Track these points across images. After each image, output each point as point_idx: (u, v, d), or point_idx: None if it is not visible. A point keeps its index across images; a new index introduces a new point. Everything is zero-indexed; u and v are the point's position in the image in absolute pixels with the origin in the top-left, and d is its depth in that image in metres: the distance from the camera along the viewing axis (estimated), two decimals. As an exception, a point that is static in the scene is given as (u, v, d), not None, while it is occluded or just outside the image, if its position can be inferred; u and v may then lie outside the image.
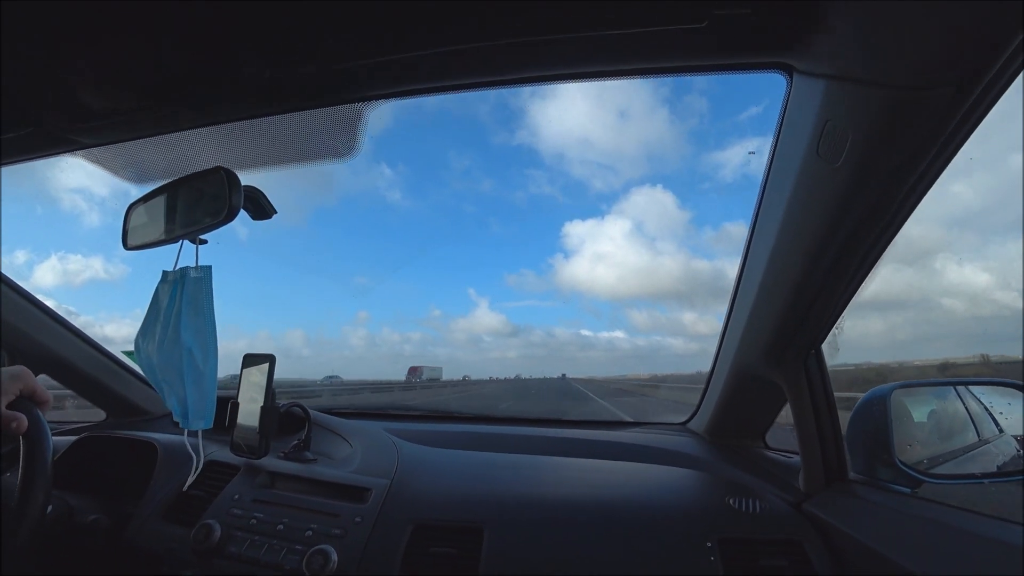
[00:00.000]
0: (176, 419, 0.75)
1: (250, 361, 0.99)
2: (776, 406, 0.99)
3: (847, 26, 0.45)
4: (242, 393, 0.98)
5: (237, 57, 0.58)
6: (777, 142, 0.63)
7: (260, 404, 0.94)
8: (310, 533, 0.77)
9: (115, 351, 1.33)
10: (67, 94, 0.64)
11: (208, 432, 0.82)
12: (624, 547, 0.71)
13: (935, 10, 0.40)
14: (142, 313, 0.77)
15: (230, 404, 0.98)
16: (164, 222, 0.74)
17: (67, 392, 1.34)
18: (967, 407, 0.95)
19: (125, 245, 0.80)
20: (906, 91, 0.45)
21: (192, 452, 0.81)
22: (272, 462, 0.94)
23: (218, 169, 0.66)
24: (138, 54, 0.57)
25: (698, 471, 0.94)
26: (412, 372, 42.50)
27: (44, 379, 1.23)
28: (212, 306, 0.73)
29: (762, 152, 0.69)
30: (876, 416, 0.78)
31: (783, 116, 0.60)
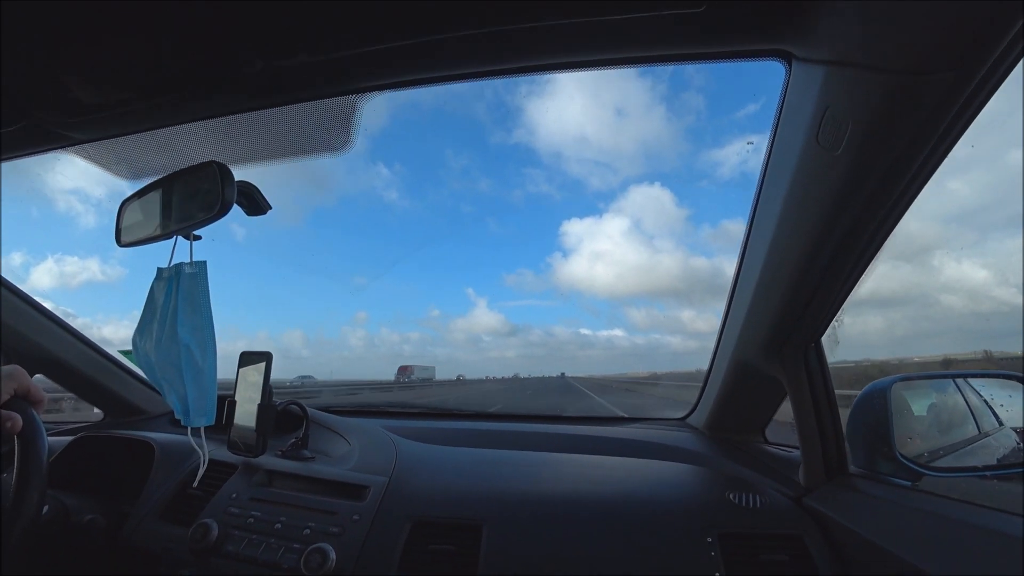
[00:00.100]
0: (178, 416, 0.75)
1: (247, 359, 0.98)
2: (776, 400, 0.99)
3: (847, 10, 0.44)
4: (239, 391, 0.97)
5: (229, 49, 0.57)
6: (776, 131, 0.62)
7: (257, 402, 0.93)
8: (308, 531, 0.76)
9: (111, 351, 1.33)
10: (58, 89, 0.63)
11: (205, 430, 0.81)
12: (624, 543, 0.70)
13: None
14: (139, 314, 0.76)
15: (227, 402, 0.97)
16: (157, 218, 0.73)
17: (66, 393, 1.34)
18: (967, 400, 0.95)
19: (119, 242, 0.79)
20: (907, 76, 0.44)
21: (198, 450, 0.80)
22: (270, 460, 0.94)
23: (210, 163, 0.66)
24: (129, 47, 0.56)
25: (698, 466, 0.94)
26: (402, 372, 41.56)
27: (40, 379, 1.23)
28: (209, 302, 0.72)
29: (760, 142, 0.68)
30: (876, 410, 0.78)
31: (782, 104, 0.60)
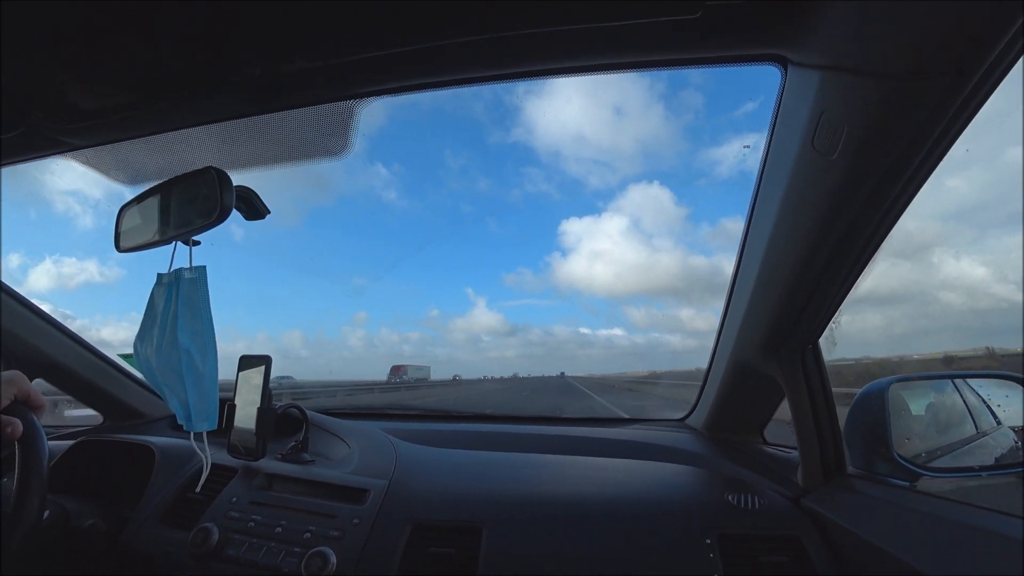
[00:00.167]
0: (180, 422, 0.75)
1: (246, 363, 0.98)
2: (774, 401, 0.99)
3: (842, 16, 0.45)
4: (239, 395, 0.98)
5: (227, 55, 0.57)
6: (772, 135, 0.63)
7: (257, 406, 0.93)
8: (308, 535, 0.76)
9: (111, 354, 1.33)
10: (56, 95, 0.63)
11: (205, 434, 0.81)
12: (624, 544, 0.70)
13: None
14: (138, 316, 0.76)
15: (227, 406, 0.97)
16: (156, 223, 0.73)
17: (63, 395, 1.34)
18: (965, 400, 0.95)
19: (118, 247, 0.79)
20: (902, 81, 0.44)
21: (200, 454, 0.81)
22: (270, 464, 0.94)
23: (209, 169, 0.66)
24: (127, 53, 0.57)
25: (697, 467, 0.94)
26: (395, 372, 38.75)
27: (40, 383, 1.23)
28: (208, 307, 0.72)
29: (757, 146, 0.68)
30: (874, 410, 0.78)
31: (778, 109, 0.60)
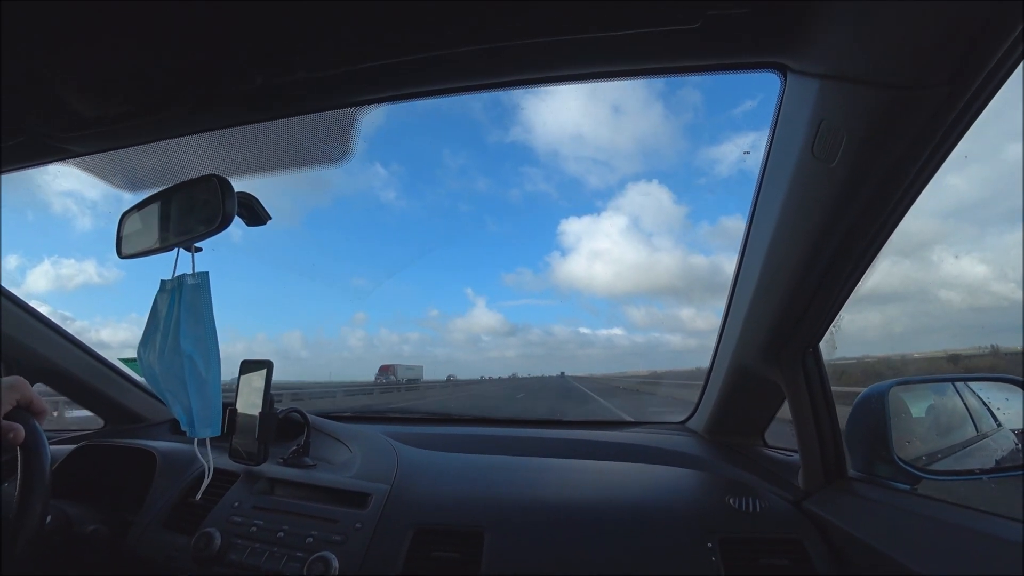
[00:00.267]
0: (183, 428, 0.75)
1: (248, 367, 0.99)
2: (775, 405, 0.99)
3: (840, 25, 0.45)
4: (240, 399, 0.98)
5: (228, 64, 0.57)
6: (772, 142, 0.63)
7: (258, 410, 0.93)
8: (311, 540, 0.77)
9: (111, 357, 1.32)
10: (58, 103, 0.63)
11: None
12: (625, 548, 0.71)
13: (929, 9, 0.40)
14: (137, 317, 0.77)
15: (228, 410, 0.97)
16: (158, 230, 0.73)
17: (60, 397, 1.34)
18: (965, 402, 0.95)
19: (119, 254, 0.79)
20: (900, 89, 0.44)
21: (203, 461, 0.81)
22: (271, 468, 0.94)
23: (211, 177, 0.66)
24: (129, 61, 0.57)
25: (697, 470, 0.94)
26: (383, 372, 35.95)
27: (41, 388, 1.23)
28: (211, 312, 0.72)
29: (757, 151, 0.69)
30: (875, 413, 0.78)
31: (777, 116, 0.60)
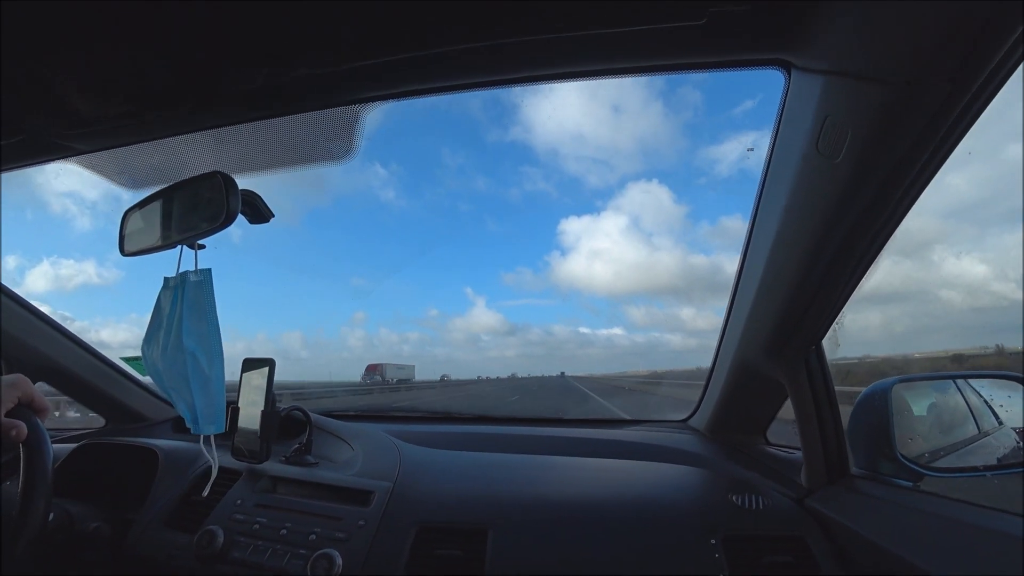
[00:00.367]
0: (188, 425, 0.75)
1: (250, 365, 0.99)
2: (777, 403, 0.99)
3: (844, 22, 0.45)
4: (242, 397, 0.98)
5: (231, 62, 0.57)
6: (776, 138, 0.63)
7: (260, 408, 0.93)
8: (314, 537, 0.77)
9: (113, 357, 1.32)
10: (60, 100, 0.63)
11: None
12: (629, 546, 0.71)
13: (930, 7, 0.40)
14: (137, 318, 0.77)
15: (230, 409, 0.97)
16: (161, 228, 0.73)
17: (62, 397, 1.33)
18: (967, 400, 0.96)
19: (122, 251, 0.79)
20: (905, 85, 0.44)
21: (209, 458, 0.81)
22: (274, 466, 0.94)
23: (215, 174, 0.66)
24: (131, 59, 0.57)
25: (700, 468, 0.94)
26: (370, 371, 33.07)
27: (42, 387, 1.23)
28: (215, 310, 0.72)
29: (760, 148, 0.69)
30: (878, 410, 0.78)
31: (781, 112, 0.60)
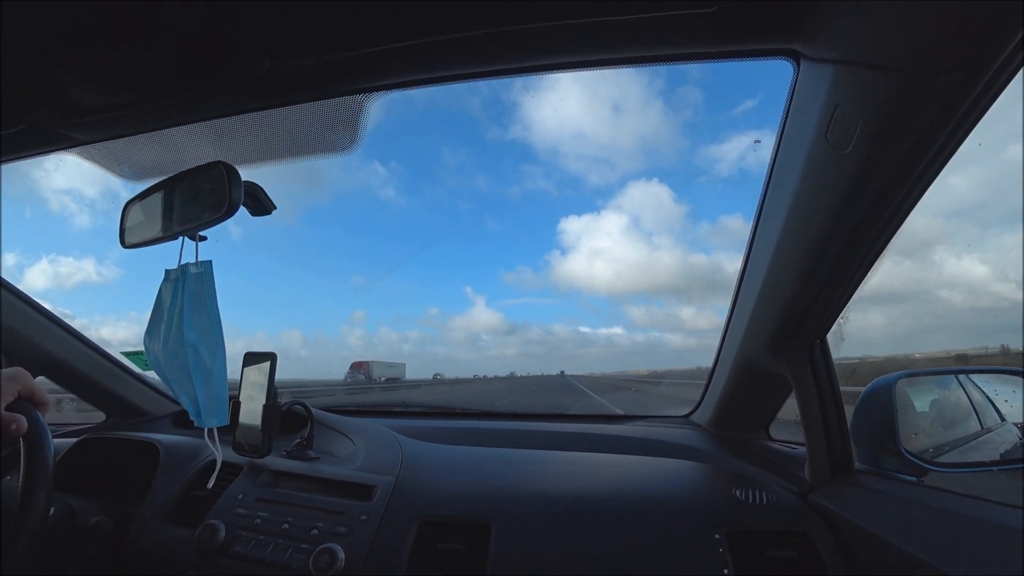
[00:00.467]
0: (191, 418, 0.75)
1: (251, 360, 0.98)
2: (780, 397, 0.99)
3: (856, 11, 0.44)
4: (244, 392, 0.97)
5: (234, 50, 0.57)
6: (784, 130, 0.62)
7: (262, 403, 0.93)
8: (315, 532, 0.76)
9: (114, 352, 1.32)
10: (62, 90, 0.62)
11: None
12: (633, 540, 0.71)
13: None
14: (137, 316, 0.76)
15: (231, 403, 0.97)
16: (162, 219, 0.73)
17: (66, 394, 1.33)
18: (969, 396, 0.96)
19: (123, 243, 0.79)
20: (916, 76, 0.44)
21: (214, 450, 0.81)
22: (275, 461, 0.94)
23: (217, 164, 0.65)
24: (133, 48, 0.56)
25: (703, 463, 0.94)
26: (354, 369, 29.62)
27: (43, 381, 1.22)
28: (216, 302, 0.72)
29: (766, 141, 0.68)
30: (881, 406, 0.78)
31: (790, 103, 0.60)
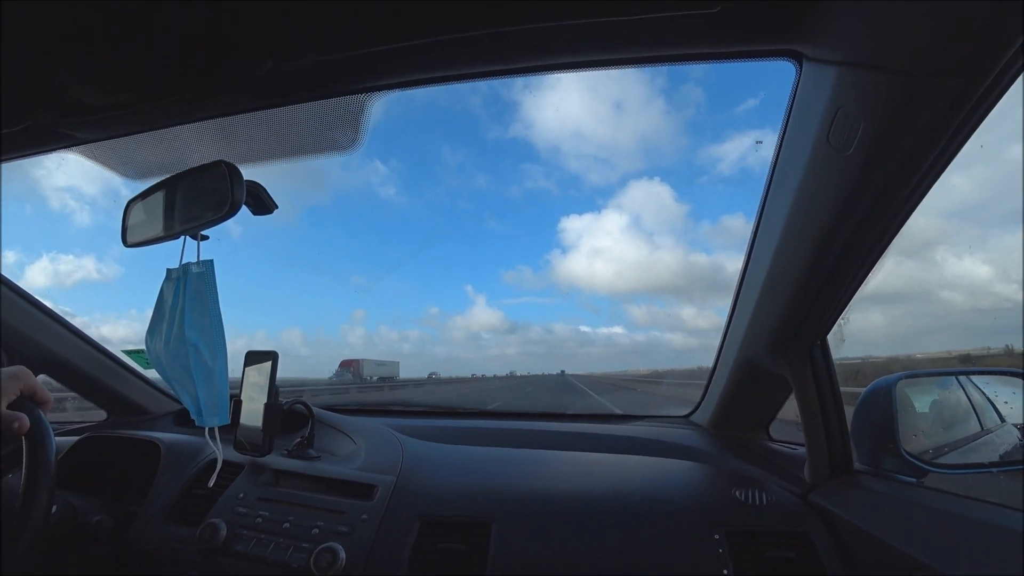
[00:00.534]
0: (192, 416, 0.75)
1: (252, 359, 0.98)
2: (780, 398, 0.99)
3: (859, 12, 0.44)
4: (245, 391, 0.97)
5: (235, 50, 0.57)
6: (785, 131, 0.62)
7: (263, 402, 0.93)
8: (316, 531, 0.76)
9: (115, 350, 1.32)
10: (63, 90, 0.62)
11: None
12: (632, 541, 0.71)
13: None
14: (138, 314, 0.77)
15: (233, 402, 0.97)
16: (164, 218, 0.73)
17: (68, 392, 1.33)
18: (969, 397, 0.96)
19: (125, 243, 0.79)
20: (919, 77, 0.44)
21: (215, 449, 0.81)
22: (276, 460, 0.94)
23: (219, 163, 0.65)
24: (134, 48, 0.56)
25: (703, 463, 0.94)
26: (344, 367, 28.46)
27: (44, 380, 1.22)
28: (217, 301, 0.72)
29: (768, 142, 0.68)
30: (882, 407, 0.78)
31: (792, 104, 0.60)
